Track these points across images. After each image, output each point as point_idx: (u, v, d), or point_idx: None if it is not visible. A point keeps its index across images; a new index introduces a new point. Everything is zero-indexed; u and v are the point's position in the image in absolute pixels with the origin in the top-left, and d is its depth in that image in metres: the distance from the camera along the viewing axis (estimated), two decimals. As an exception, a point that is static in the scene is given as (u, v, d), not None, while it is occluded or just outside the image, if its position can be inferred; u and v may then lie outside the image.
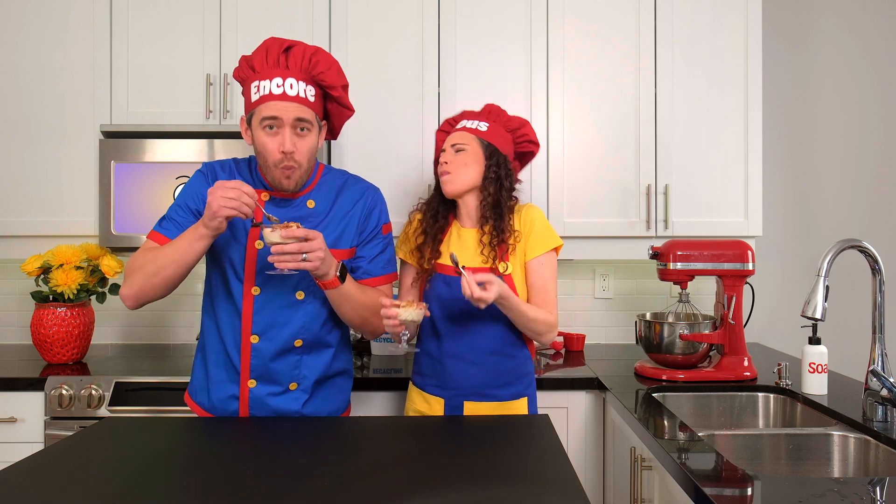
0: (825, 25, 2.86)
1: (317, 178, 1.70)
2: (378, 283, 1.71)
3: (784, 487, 1.22)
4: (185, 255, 1.51)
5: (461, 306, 1.75)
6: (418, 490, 1.19)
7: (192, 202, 1.64)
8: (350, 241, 1.69)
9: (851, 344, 2.82)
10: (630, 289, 2.85)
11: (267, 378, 1.65)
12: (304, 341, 1.66)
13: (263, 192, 1.66)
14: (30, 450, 2.14)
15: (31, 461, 1.33)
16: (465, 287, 1.55)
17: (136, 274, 1.55)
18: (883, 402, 1.65)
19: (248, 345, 1.64)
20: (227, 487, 1.20)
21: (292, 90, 1.55)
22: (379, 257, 1.72)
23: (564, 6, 2.47)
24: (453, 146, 1.80)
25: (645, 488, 1.70)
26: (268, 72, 1.56)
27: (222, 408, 1.67)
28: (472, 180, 1.79)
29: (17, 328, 2.81)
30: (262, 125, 1.56)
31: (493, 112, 1.86)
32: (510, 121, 1.87)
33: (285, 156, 1.55)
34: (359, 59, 2.46)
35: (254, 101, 1.57)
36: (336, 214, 1.67)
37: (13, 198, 2.46)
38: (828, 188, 2.87)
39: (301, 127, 1.57)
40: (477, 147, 1.80)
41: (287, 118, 1.54)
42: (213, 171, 1.68)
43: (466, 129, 1.82)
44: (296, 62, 1.58)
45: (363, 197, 1.71)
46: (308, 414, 1.69)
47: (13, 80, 2.46)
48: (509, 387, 1.78)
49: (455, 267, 1.57)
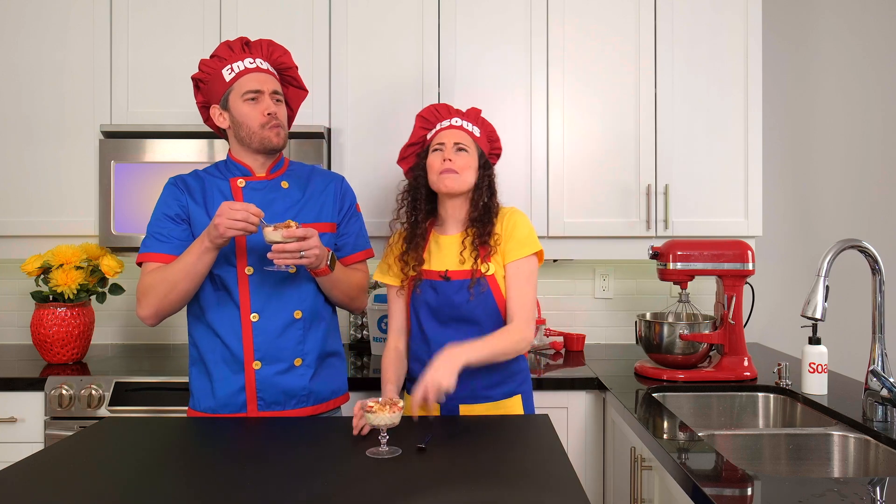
0: (825, 25, 2.86)
1: (285, 166, 1.82)
2: (364, 256, 1.86)
3: (784, 487, 1.22)
4: (195, 267, 1.60)
5: (448, 311, 1.75)
6: (418, 490, 1.19)
7: (172, 210, 1.71)
8: (329, 216, 1.79)
9: (851, 344, 2.82)
10: (630, 289, 2.85)
11: (272, 356, 1.68)
12: (304, 312, 1.71)
13: (240, 178, 1.74)
14: (30, 450, 2.14)
15: (31, 461, 1.33)
16: (417, 399, 1.51)
17: (149, 296, 1.63)
18: (883, 402, 1.65)
19: (248, 325, 1.67)
20: (227, 487, 1.20)
21: (263, 66, 1.73)
22: (360, 233, 1.87)
23: (564, 6, 2.46)
24: (456, 144, 1.78)
25: (645, 488, 1.70)
26: (237, 56, 1.72)
27: (230, 403, 1.68)
28: (470, 184, 1.79)
29: (17, 328, 2.81)
30: (244, 98, 1.69)
31: (479, 117, 1.89)
32: (492, 130, 1.91)
33: (270, 117, 1.69)
34: (359, 59, 2.46)
35: (229, 80, 1.70)
36: (312, 194, 1.78)
37: (13, 198, 2.46)
38: (828, 188, 2.87)
39: (276, 99, 1.73)
40: (474, 151, 1.81)
41: (266, 89, 1.70)
42: (182, 180, 1.76)
43: (465, 129, 1.81)
44: (257, 50, 1.76)
45: (333, 180, 1.84)
46: (316, 389, 1.72)
47: (13, 79, 2.46)
48: (502, 386, 1.78)
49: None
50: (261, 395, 1.68)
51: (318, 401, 1.74)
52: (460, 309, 1.74)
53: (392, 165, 2.45)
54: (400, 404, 1.40)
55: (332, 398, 1.78)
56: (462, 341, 1.68)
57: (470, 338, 1.72)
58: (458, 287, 1.74)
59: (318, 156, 2.35)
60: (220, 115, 1.73)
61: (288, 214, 1.72)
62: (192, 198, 1.72)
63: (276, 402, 1.69)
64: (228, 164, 1.77)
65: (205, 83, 1.75)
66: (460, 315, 1.74)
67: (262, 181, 1.75)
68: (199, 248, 1.58)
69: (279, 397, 1.69)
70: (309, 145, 2.34)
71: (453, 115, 1.85)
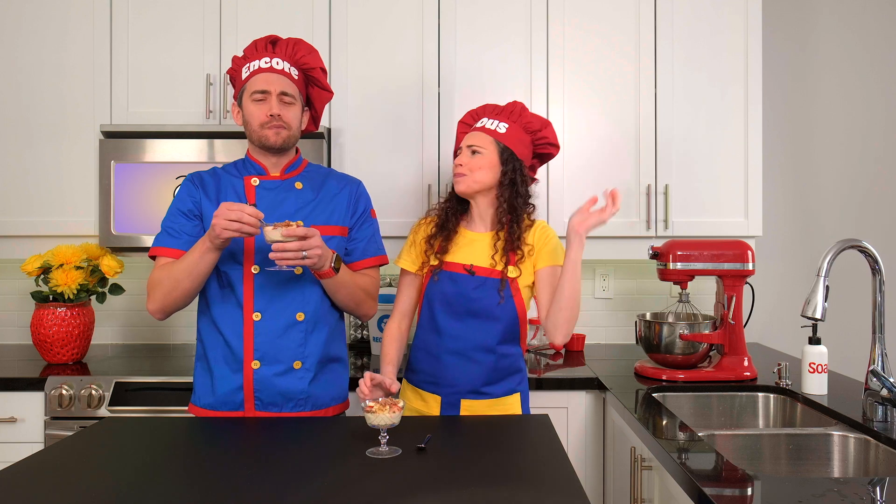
0: (825, 24, 2.86)
1: (302, 166, 1.82)
2: (375, 263, 1.83)
3: (784, 487, 1.22)
4: (198, 267, 1.61)
5: (465, 304, 1.76)
6: (418, 490, 1.19)
7: (185, 206, 1.73)
8: (342, 219, 1.78)
9: (851, 344, 2.82)
10: (630, 289, 2.85)
11: (271, 357, 1.68)
12: (306, 315, 1.71)
13: (255, 176, 1.75)
14: (30, 450, 2.14)
15: (31, 461, 1.33)
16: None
17: (155, 290, 1.66)
18: (883, 402, 1.65)
19: (249, 323, 1.67)
20: (227, 487, 1.20)
21: (278, 66, 1.72)
22: (373, 238, 1.85)
23: (564, 5, 2.46)
24: (469, 147, 1.81)
25: (645, 488, 1.70)
26: (258, 55, 1.74)
27: (229, 401, 1.68)
28: (484, 183, 1.80)
29: (17, 328, 2.81)
30: (253, 98, 1.70)
31: (514, 112, 1.85)
32: (531, 122, 1.85)
33: (272, 118, 1.69)
34: (359, 59, 2.46)
35: (245, 78, 1.73)
36: (325, 196, 1.78)
37: (13, 198, 2.46)
38: (828, 188, 2.87)
39: (286, 101, 1.72)
40: (493, 151, 1.80)
41: (274, 90, 1.70)
42: (199, 177, 1.77)
43: (486, 129, 1.82)
44: (281, 49, 1.76)
45: (349, 184, 1.84)
46: (315, 393, 1.72)
47: (13, 79, 2.46)
48: (503, 383, 1.79)
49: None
50: (258, 396, 1.68)
51: (317, 406, 1.73)
52: (478, 304, 1.75)
53: (392, 165, 2.45)
54: (400, 404, 1.40)
55: (332, 404, 1.77)
56: (473, 336, 1.75)
57: (482, 334, 1.76)
58: (479, 283, 1.76)
59: (319, 156, 2.35)
60: (238, 113, 1.77)
61: (299, 215, 1.73)
62: (206, 194, 1.73)
63: (272, 404, 1.68)
64: (245, 163, 1.78)
65: (233, 79, 1.79)
66: (476, 310, 1.76)
67: (275, 181, 1.75)
68: (201, 247, 1.59)
69: (276, 399, 1.68)
70: (309, 145, 2.34)
71: (482, 116, 1.87)
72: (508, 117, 1.84)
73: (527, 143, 1.85)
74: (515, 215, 1.80)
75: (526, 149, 1.85)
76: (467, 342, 1.77)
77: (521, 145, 1.83)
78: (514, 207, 1.80)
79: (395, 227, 2.43)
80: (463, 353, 1.77)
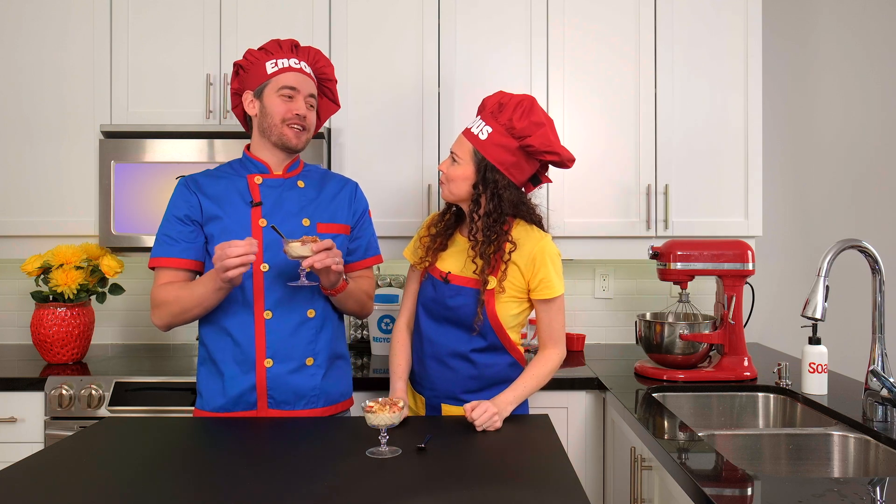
0: (825, 25, 2.86)
1: (300, 167, 1.83)
2: (374, 263, 1.89)
3: (784, 487, 1.22)
4: (209, 300, 1.62)
5: (442, 310, 1.76)
6: (418, 490, 1.19)
7: (181, 212, 1.71)
8: (344, 218, 1.81)
9: (851, 344, 2.82)
10: (630, 289, 2.85)
11: (283, 355, 1.68)
12: (317, 311, 1.72)
13: (258, 175, 1.76)
14: (30, 450, 2.14)
15: (31, 461, 1.33)
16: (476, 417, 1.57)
17: (162, 310, 1.67)
18: (883, 402, 1.65)
19: (261, 323, 1.68)
20: (227, 487, 1.20)
21: (306, 69, 1.77)
22: (372, 238, 1.90)
23: (564, 6, 2.46)
24: (452, 154, 1.75)
25: (645, 488, 1.70)
26: (284, 54, 1.76)
27: (241, 402, 1.68)
28: (459, 196, 1.74)
29: (17, 328, 2.81)
30: (280, 93, 1.71)
31: (504, 112, 1.70)
32: (517, 128, 1.68)
33: (298, 117, 1.72)
34: (359, 59, 2.46)
35: (271, 73, 1.72)
36: (326, 196, 1.80)
37: (13, 198, 2.46)
38: (828, 188, 2.87)
39: (311, 104, 1.76)
40: (469, 161, 1.71)
41: (303, 90, 1.73)
42: (193, 179, 1.76)
43: (470, 133, 1.73)
44: (304, 55, 1.80)
45: (347, 185, 1.87)
46: (327, 389, 1.74)
47: (14, 79, 2.46)
48: (487, 392, 1.75)
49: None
50: (271, 394, 1.68)
51: (329, 402, 1.75)
52: (454, 312, 1.74)
53: (392, 166, 2.45)
54: (400, 404, 1.41)
55: (341, 400, 1.80)
56: (447, 342, 1.74)
57: (455, 341, 1.75)
58: (455, 291, 1.74)
59: (318, 156, 2.35)
60: (251, 103, 1.75)
61: (303, 213, 1.74)
62: (206, 195, 1.72)
63: (285, 402, 1.69)
64: (245, 162, 1.78)
65: (245, 70, 1.77)
66: (453, 317, 1.75)
67: (278, 179, 1.76)
68: (212, 285, 1.58)
69: (289, 397, 1.69)
70: (309, 145, 2.34)
71: (483, 110, 1.76)
72: (496, 119, 1.70)
73: (511, 148, 1.69)
74: (492, 230, 1.70)
75: (513, 155, 1.70)
76: (443, 347, 1.76)
77: (501, 151, 1.69)
78: (490, 223, 1.69)
79: (395, 227, 2.43)
80: (440, 359, 1.77)
